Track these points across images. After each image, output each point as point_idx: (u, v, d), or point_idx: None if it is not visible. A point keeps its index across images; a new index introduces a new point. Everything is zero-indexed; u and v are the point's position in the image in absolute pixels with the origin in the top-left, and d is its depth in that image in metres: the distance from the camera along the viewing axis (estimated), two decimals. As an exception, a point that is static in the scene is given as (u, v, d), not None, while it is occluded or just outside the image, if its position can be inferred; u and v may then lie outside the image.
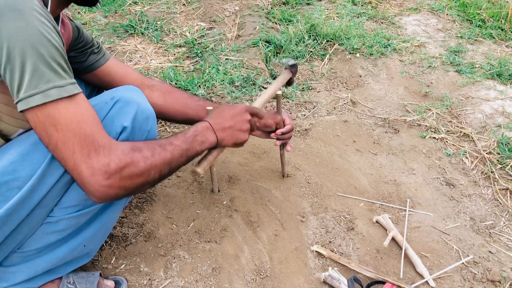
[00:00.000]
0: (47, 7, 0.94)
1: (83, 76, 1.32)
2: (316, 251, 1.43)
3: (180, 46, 2.57)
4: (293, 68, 1.53)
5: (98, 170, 0.87)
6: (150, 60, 2.42)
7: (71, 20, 1.23)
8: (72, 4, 1.05)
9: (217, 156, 1.20)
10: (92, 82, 1.34)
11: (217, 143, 1.14)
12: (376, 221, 1.55)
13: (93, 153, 0.86)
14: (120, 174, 0.89)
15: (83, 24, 2.79)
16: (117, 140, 0.99)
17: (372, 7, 3.23)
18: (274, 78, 2.34)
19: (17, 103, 0.83)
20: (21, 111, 0.84)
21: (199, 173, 1.16)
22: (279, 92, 1.50)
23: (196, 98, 1.48)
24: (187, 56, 2.49)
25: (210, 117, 1.16)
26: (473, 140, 1.98)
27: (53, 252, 1.07)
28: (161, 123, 1.98)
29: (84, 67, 1.30)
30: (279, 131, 1.49)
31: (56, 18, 1.06)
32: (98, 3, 1.08)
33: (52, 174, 0.96)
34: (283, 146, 1.61)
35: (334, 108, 2.17)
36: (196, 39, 2.61)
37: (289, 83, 1.56)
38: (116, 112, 1.01)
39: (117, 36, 2.66)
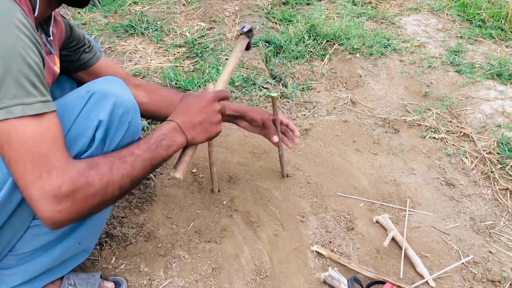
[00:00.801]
0: (34, 10, 0.93)
1: (74, 74, 1.31)
2: (316, 251, 1.43)
3: (180, 46, 2.57)
4: (249, 33, 1.44)
5: (48, 193, 0.81)
6: (150, 60, 2.42)
7: (63, 17, 1.22)
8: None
9: (193, 155, 1.13)
10: (83, 81, 1.31)
11: (187, 143, 1.07)
12: (376, 221, 1.55)
13: (45, 174, 0.81)
14: (72, 197, 0.83)
15: (83, 24, 2.79)
16: (94, 136, 0.96)
17: (372, 7, 3.23)
18: (274, 78, 2.34)
19: None
20: None
21: (178, 178, 1.09)
22: (275, 95, 1.50)
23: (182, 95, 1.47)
24: (187, 56, 2.49)
25: (177, 115, 1.08)
26: (473, 140, 1.98)
27: (48, 252, 1.06)
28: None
29: (76, 66, 1.29)
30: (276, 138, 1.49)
31: (48, 18, 1.05)
32: (88, 4, 1.06)
33: None
34: (281, 146, 1.61)
35: (334, 108, 2.17)
36: (196, 39, 2.61)
37: (247, 48, 1.47)
38: (92, 106, 0.96)
39: (117, 36, 2.66)
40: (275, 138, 1.50)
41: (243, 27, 1.44)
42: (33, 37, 0.84)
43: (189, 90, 2.12)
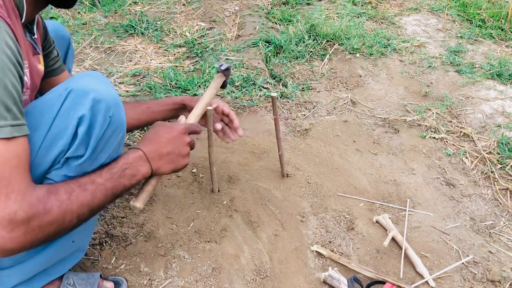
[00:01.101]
0: (21, 16, 0.92)
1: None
2: (316, 251, 1.43)
3: (180, 46, 2.57)
4: (226, 72, 1.46)
5: (2, 218, 0.78)
6: (150, 60, 2.42)
7: (41, 18, 1.20)
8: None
9: (156, 185, 1.10)
10: (41, 90, 1.27)
11: (151, 173, 1.04)
12: (376, 221, 1.55)
13: (3, 197, 0.79)
14: (26, 225, 0.81)
15: (83, 24, 2.79)
16: (75, 133, 0.93)
17: (372, 7, 3.23)
18: (274, 78, 2.34)
19: None
20: None
21: (139, 208, 1.06)
22: (274, 95, 1.49)
23: (162, 102, 1.45)
24: (187, 56, 2.49)
25: (144, 143, 1.05)
26: (473, 140, 1.98)
27: (42, 253, 1.05)
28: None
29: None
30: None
31: (32, 20, 1.04)
32: (75, 4, 1.04)
33: None
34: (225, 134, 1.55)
35: (334, 108, 2.17)
36: (196, 39, 2.61)
37: (223, 86, 1.48)
38: (71, 104, 0.93)
39: (117, 36, 2.66)
40: (218, 126, 1.46)
41: (221, 65, 1.45)
42: (15, 59, 0.83)
43: (189, 90, 2.12)
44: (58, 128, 0.93)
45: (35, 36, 1.08)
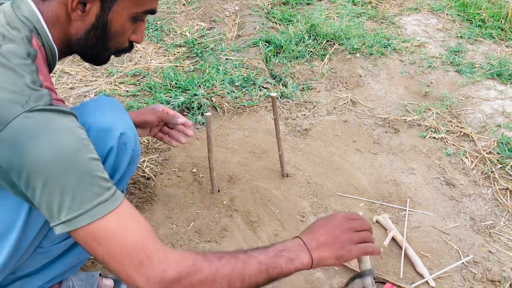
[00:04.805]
0: (51, 70, 0.91)
1: None
2: (316, 251, 1.43)
3: (180, 46, 2.57)
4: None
5: (153, 278, 0.77)
6: (150, 60, 2.42)
7: None
8: None
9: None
10: None
11: (311, 263, 0.92)
12: (376, 221, 1.55)
13: (146, 261, 0.77)
14: (178, 283, 0.77)
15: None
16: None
17: (372, 7, 3.23)
18: (274, 78, 2.34)
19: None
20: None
21: None
22: (274, 95, 1.50)
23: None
24: (187, 56, 2.49)
25: (303, 234, 0.96)
26: (473, 140, 1.98)
27: (48, 270, 1.04)
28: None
29: None
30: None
31: None
32: (105, 64, 1.01)
33: (35, 222, 0.90)
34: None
35: (334, 108, 2.17)
36: (196, 39, 2.61)
37: None
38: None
39: (117, 36, 2.66)
40: (180, 120, 1.38)
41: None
42: (86, 137, 0.81)
43: (189, 90, 2.11)
44: None
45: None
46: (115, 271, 0.79)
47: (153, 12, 0.93)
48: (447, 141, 1.97)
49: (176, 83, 2.17)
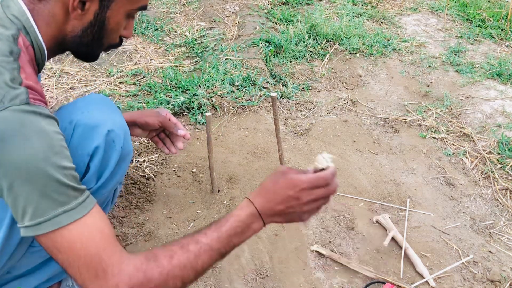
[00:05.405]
0: (40, 69, 0.90)
1: None
2: (316, 251, 1.43)
3: (180, 46, 2.57)
4: None
5: None
6: (150, 60, 2.42)
7: None
8: None
9: None
10: None
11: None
12: (376, 221, 1.55)
13: (101, 273, 0.78)
14: None
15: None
16: (88, 165, 0.90)
17: (372, 7, 3.23)
18: (274, 78, 2.34)
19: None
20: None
21: None
22: (274, 94, 1.49)
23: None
24: (187, 56, 2.49)
25: (259, 196, 0.93)
26: (473, 140, 1.98)
27: (44, 269, 1.04)
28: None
29: None
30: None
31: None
32: (95, 60, 1.01)
33: None
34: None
35: (334, 108, 2.17)
36: (196, 39, 2.61)
37: None
38: (79, 142, 0.90)
39: (117, 36, 2.66)
40: (181, 132, 1.36)
41: None
42: (63, 143, 0.80)
43: (189, 90, 2.11)
44: None
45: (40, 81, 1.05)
46: (73, 277, 0.80)
47: (145, 8, 0.96)
48: (447, 141, 1.97)
49: (176, 83, 2.17)
